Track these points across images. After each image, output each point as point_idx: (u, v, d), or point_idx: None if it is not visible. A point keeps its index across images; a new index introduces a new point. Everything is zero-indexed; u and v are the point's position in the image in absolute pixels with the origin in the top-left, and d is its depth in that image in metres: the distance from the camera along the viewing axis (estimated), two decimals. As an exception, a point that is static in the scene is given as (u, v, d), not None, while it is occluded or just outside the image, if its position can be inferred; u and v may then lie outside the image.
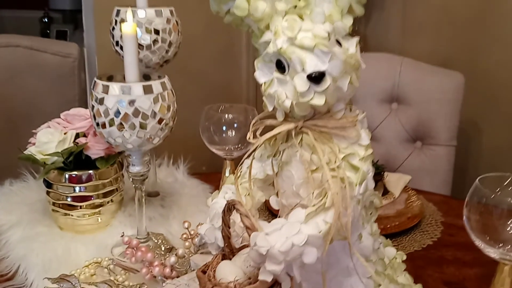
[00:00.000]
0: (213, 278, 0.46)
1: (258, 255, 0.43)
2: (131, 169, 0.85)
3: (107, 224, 0.96)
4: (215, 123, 1.05)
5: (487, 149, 1.62)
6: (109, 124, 0.78)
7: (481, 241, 0.70)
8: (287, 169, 0.50)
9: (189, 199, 1.08)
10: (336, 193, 0.44)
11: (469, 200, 0.70)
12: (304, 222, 0.44)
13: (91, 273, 0.80)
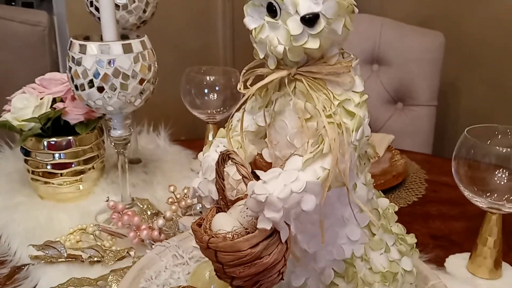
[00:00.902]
0: (209, 230, 0.45)
1: (256, 204, 0.41)
2: (112, 133, 0.82)
3: (89, 191, 0.94)
4: (197, 86, 1.02)
5: (466, 109, 1.64)
6: (89, 86, 0.75)
7: (469, 192, 0.70)
8: (280, 119, 0.49)
9: (172, 165, 1.07)
10: (334, 139, 0.43)
11: (457, 152, 0.70)
12: (301, 169, 0.43)
13: (76, 240, 0.78)
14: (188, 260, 0.69)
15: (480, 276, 0.72)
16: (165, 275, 0.65)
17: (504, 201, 0.68)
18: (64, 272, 0.71)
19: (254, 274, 0.43)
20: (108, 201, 0.79)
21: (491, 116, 1.47)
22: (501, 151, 0.66)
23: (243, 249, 0.42)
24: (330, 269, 0.53)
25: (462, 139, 0.69)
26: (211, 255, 0.44)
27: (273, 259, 0.43)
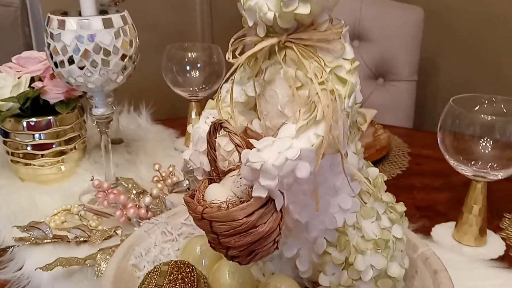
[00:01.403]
0: (203, 201, 0.44)
1: (251, 172, 0.41)
2: (94, 112, 0.81)
3: (71, 172, 0.92)
4: (178, 63, 1.01)
5: (445, 83, 1.65)
6: (69, 63, 0.73)
7: (455, 161, 0.71)
8: (271, 88, 0.48)
9: (155, 144, 1.05)
10: (327, 105, 0.43)
11: (442, 122, 0.70)
12: (295, 136, 0.42)
13: (61, 220, 0.76)
14: (177, 237, 0.68)
15: (465, 243, 0.73)
16: (155, 251, 0.64)
17: (489, 169, 0.69)
18: (50, 253, 0.70)
19: (249, 243, 0.43)
20: (92, 181, 0.78)
21: (470, 90, 1.49)
22: (486, 119, 0.67)
23: (238, 218, 0.41)
24: (322, 238, 0.53)
25: (448, 108, 0.69)
26: (206, 225, 0.43)
27: (268, 227, 0.43)
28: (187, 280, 0.51)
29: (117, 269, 0.59)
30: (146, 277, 0.52)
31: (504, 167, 0.69)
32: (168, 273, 0.51)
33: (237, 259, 0.45)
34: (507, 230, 0.79)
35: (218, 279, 0.56)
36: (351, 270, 0.52)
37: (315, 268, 0.57)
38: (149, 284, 0.51)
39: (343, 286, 0.53)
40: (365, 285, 0.53)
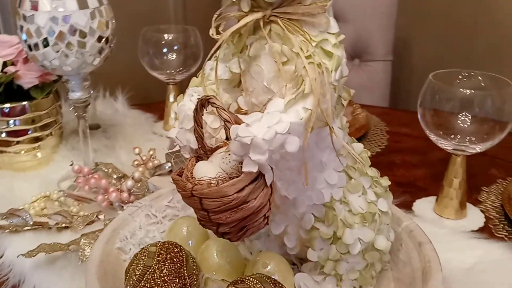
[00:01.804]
0: (192, 178, 0.44)
1: (240, 147, 0.41)
2: (71, 96, 0.79)
3: (49, 159, 0.90)
4: (154, 45, 0.99)
5: (419, 62, 1.67)
6: (43, 45, 0.71)
7: (435, 135, 0.72)
8: (256, 64, 0.48)
9: (133, 128, 1.04)
10: (314, 79, 0.42)
11: (422, 98, 0.71)
12: (283, 111, 0.42)
13: (41, 207, 0.75)
14: (162, 219, 0.67)
15: (446, 216, 0.75)
16: (140, 234, 0.63)
17: (467, 142, 0.71)
18: (31, 240, 0.69)
19: (240, 219, 0.43)
20: (72, 166, 0.76)
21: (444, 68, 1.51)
22: (466, 93, 0.68)
23: (229, 194, 0.41)
24: (310, 214, 0.53)
25: (427, 84, 0.70)
26: (196, 203, 0.43)
27: (259, 203, 0.43)
28: (176, 260, 0.50)
29: (102, 253, 0.58)
30: (133, 259, 0.52)
31: (482, 140, 0.70)
32: (157, 254, 0.51)
33: (228, 235, 0.45)
34: (485, 203, 0.80)
35: (206, 258, 0.56)
36: (339, 244, 0.52)
37: (302, 244, 0.57)
38: (137, 265, 0.50)
39: (331, 260, 0.53)
40: (353, 259, 0.53)
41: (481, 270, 0.63)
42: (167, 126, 1.04)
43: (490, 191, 0.84)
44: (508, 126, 0.68)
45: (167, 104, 1.03)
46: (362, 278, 0.55)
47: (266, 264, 0.54)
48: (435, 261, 0.56)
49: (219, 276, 0.54)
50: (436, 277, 0.54)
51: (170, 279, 0.49)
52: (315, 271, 0.56)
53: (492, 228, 0.74)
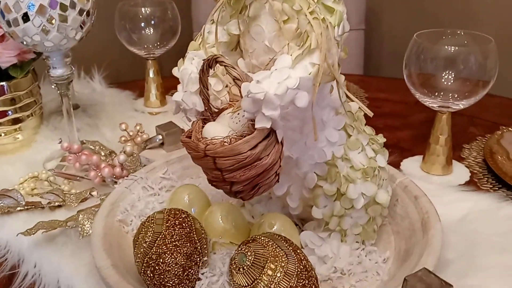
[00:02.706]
0: (203, 139, 0.44)
1: (253, 104, 0.41)
2: (53, 73, 0.77)
3: (30, 141, 0.88)
4: (131, 20, 0.97)
5: (389, 31, 1.69)
6: (23, 20, 0.68)
7: (420, 94, 0.73)
8: (256, 24, 0.48)
9: (114, 106, 1.02)
10: (320, 33, 0.43)
11: (407, 58, 0.72)
12: (291, 67, 0.42)
13: (31, 187, 0.73)
14: (159, 191, 0.67)
15: (433, 173, 0.77)
16: (140, 206, 0.63)
17: (451, 100, 0.73)
18: (25, 220, 0.67)
19: (254, 177, 0.43)
20: (61, 143, 0.75)
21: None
22: (450, 51, 0.69)
23: (243, 151, 0.41)
24: (313, 173, 0.54)
25: (412, 43, 0.72)
26: (209, 162, 0.43)
27: (271, 159, 0.43)
28: (184, 225, 0.51)
29: (105, 226, 0.58)
30: (141, 227, 0.52)
31: (465, 97, 0.72)
32: (165, 220, 0.51)
33: (241, 194, 0.45)
34: (468, 159, 0.83)
35: (211, 224, 0.56)
36: (343, 199, 0.54)
37: (305, 204, 0.58)
38: (146, 233, 0.50)
39: (336, 216, 0.54)
40: (356, 213, 0.55)
41: (472, 220, 0.65)
42: (148, 103, 1.03)
43: (471, 148, 0.87)
44: (490, 82, 0.70)
45: (147, 80, 1.02)
46: (364, 233, 0.57)
47: (272, 225, 0.55)
48: (432, 212, 0.58)
49: (226, 240, 0.55)
50: (436, 227, 0.56)
51: (181, 244, 0.49)
52: (319, 229, 0.57)
53: (477, 182, 0.77)
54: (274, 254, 0.46)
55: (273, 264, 0.46)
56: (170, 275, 0.48)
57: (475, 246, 0.60)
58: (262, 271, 0.46)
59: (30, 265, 0.60)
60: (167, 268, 0.48)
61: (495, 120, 0.97)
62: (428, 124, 0.78)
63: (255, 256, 0.47)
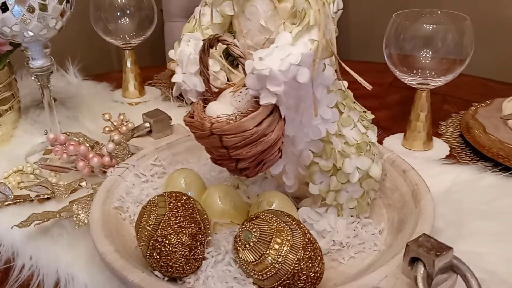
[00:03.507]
0: (208, 117, 0.44)
1: (257, 80, 0.42)
2: (32, 64, 0.75)
3: (10, 135, 0.86)
4: (107, 10, 0.96)
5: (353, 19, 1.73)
6: (2, 10, 0.67)
7: (400, 72, 0.76)
8: (251, 4, 0.48)
9: (92, 98, 1.01)
10: (318, 10, 0.44)
11: (387, 40, 0.74)
12: (292, 44, 0.43)
13: (17, 181, 0.72)
14: (151, 177, 0.67)
15: (415, 149, 0.80)
16: (135, 192, 0.63)
17: (429, 78, 0.75)
18: (15, 214, 0.66)
19: (259, 153, 0.44)
20: (47, 134, 0.74)
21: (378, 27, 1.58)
22: (428, 29, 0.72)
23: (249, 128, 0.42)
24: (308, 150, 0.55)
25: (391, 24, 0.74)
26: (215, 141, 0.44)
27: (275, 135, 0.44)
28: (187, 207, 0.51)
29: (102, 213, 0.57)
30: (143, 211, 0.52)
31: (442, 75, 0.75)
32: (167, 203, 0.51)
33: (246, 171, 0.46)
34: (445, 135, 0.87)
35: (210, 205, 0.56)
36: (339, 174, 0.55)
37: (300, 182, 0.59)
38: (149, 216, 0.50)
39: (333, 191, 0.56)
40: (352, 187, 0.56)
41: (456, 191, 0.68)
42: (126, 93, 1.02)
43: (447, 124, 0.90)
44: (467, 59, 0.73)
45: (125, 70, 1.01)
46: (359, 206, 0.58)
47: (271, 202, 0.56)
48: (421, 183, 0.61)
49: (226, 220, 0.56)
50: (426, 197, 0.58)
51: (185, 225, 0.49)
52: (315, 205, 0.58)
53: (456, 156, 0.80)
54: (279, 229, 0.48)
55: (279, 238, 0.47)
56: (177, 256, 0.48)
57: (462, 215, 0.63)
58: (268, 245, 0.47)
59: (25, 258, 0.59)
60: (174, 249, 0.48)
61: (467, 97, 1.01)
62: (403, 104, 0.81)
63: (260, 232, 0.48)
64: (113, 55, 1.65)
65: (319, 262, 0.47)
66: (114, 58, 1.67)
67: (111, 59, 1.67)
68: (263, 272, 0.47)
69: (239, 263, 0.50)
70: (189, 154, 0.73)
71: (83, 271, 0.56)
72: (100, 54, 0.99)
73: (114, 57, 1.66)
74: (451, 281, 0.46)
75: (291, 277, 0.46)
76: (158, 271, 0.50)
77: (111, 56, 1.67)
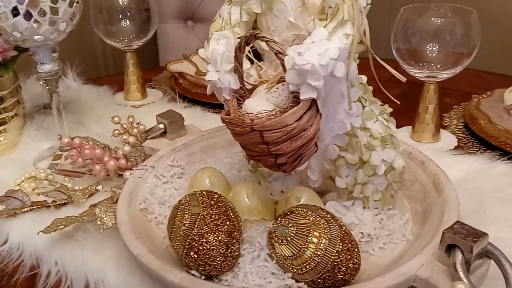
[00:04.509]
0: (247, 114, 0.44)
1: (297, 76, 0.42)
2: (41, 69, 0.75)
3: (16, 142, 0.85)
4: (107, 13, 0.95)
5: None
6: (13, 14, 0.66)
7: (408, 65, 0.77)
8: (280, 1, 0.49)
9: (94, 102, 1.00)
10: (351, 5, 0.44)
11: (395, 36, 0.76)
12: (327, 38, 0.44)
13: (32, 188, 0.71)
14: (170, 178, 0.67)
15: (424, 141, 0.81)
16: (158, 193, 0.63)
17: (436, 71, 0.77)
18: (34, 220, 0.65)
19: (298, 147, 0.45)
20: (61, 139, 0.73)
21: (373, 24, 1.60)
22: (436, 22, 0.73)
23: (290, 123, 0.43)
24: (333, 145, 0.56)
25: (399, 18, 0.75)
26: (255, 137, 0.44)
27: (314, 129, 0.45)
28: (220, 205, 0.51)
29: (128, 216, 0.57)
30: (175, 211, 0.52)
31: (449, 68, 0.77)
32: (200, 202, 0.51)
33: (284, 166, 0.46)
34: (450, 126, 0.88)
35: (238, 202, 0.57)
36: (366, 167, 0.56)
37: (324, 177, 0.60)
38: (183, 216, 0.50)
39: (359, 184, 0.57)
40: (378, 179, 0.57)
41: (471, 179, 0.69)
42: (129, 96, 1.02)
43: (451, 116, 0.92)
44: (474, 51, 0.74)
45: (127, 72, 1.00)
46: (384, 198, 0.59)
47: (299, 198, 0.56)
48: (441, 173, 0.62)
49: (256, 217, 0.56)
50: (448, 186, 0.59)
51: (221, 222, 0.50)
52: (340, 199, 0.59)
53: (463, 146, 0.81)
54: (315, 223, 0.48)
55: (317, 232, 0.47)
56: (215, 254, 0.48)
57: (480, 202, 0.64)
58: (306, 239, 0.47)
59: (50, 264, 0.59)
60: (211, 247, 0.48)
61: (465, 89, 1.03)
62: (403, 98, 0.81)
63: (297, 227, 0.48)
64: (100, 60, 1.64)
65: (356, 253, 0.48)
66: (101, 63, 1.66)
67: (99, 64, 1.66)
68: (302, 265, 0.47)
69: (275, 258, 0.50)
70: (205, 154, 0.73)
71: (113, 274, 0.56)
72: (90, 59, 0.98)
73: (101, 62, 1.65)
74: (485, 266, 0.48)
75: (331, 269, 0.47)
76: (195, 270, 0.50)
77: (98, 61, 1.65)
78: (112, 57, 1.62)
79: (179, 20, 1.46)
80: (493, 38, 1.54)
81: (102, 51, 1.59)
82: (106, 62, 1.64)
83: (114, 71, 1.63)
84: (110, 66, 1.69)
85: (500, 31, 1.46)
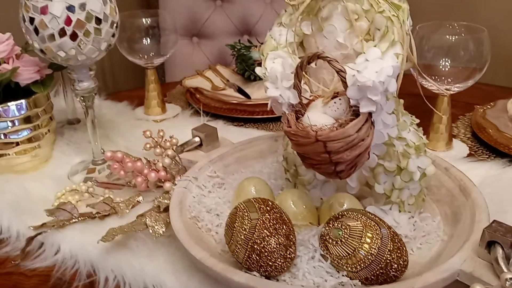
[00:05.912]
0: (310, 126, 0.49)
1: (358, 91, 0.47)
2: (79, 86, 0.78)
3: (47, 157, 0.87)
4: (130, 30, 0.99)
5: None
6: (60, 35, 0.69)
7: (422, 79, 0.83)
8: (329, 23, 0.54)
9: (116, 117, 1.04)
10: (400, 27, 0.50)
11: (410, 49, 0.81)
12: (381, 57, 0.49)
13: (75, 200, 0.74)
14: (212, 188, 0.71)
15: (439, 150, 0.87)
16: (206, 202, 0.67)
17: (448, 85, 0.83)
18: (82, 231, 0.68)
19: (356, 156, 0.49)
20: (104, 153, 0.76)
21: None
22: (450, 39, 0.79)
23: (351, 134, 0.47)
24: (372, 153, 0.61)
25: (415, 34, 0.81)
26: (319, 147, 0.48)
27: (370, 139, 0.49)
28: (276, 210, 0.55)
29: (183, 224, 0.61)
30: (233, 217, 0.56)
31: (461, 81, 0.83)
32: (257, 208, 0.55)
33: (341, 173, 0.51)
34: (459, 135, 0.94)
35: (285, 208, 0.60)
36: (403, 174, 0.61)
37: (361, 184, 0.65)
38: (242, 221, 0.54)
39: (397, 189, 0.62)
40: (413, 185, 0.62)
41: (489, 184, 0.75)
42: (149, 111, 1.05)
43: (458, 126, 0.98)
44: (485, 66, 0.81)
45: (148, 88, 1.04)
46: (416, 203, 0.64)
47: (342, 203, 0.61)
48: (466, 178, 0.67)
49: (304, 222, 0.60)
50: (474, 190, 0.65)
51: (279, 227, 0.54)
52: (378, 204, 0.64)
53: (474, 154, 0.87)
54: (366, 225, 0.53)
55: (369, 233, 0.52)
56: (277, 256, 0.53)
57: (502, 204, 0.69)
58: (360, 240, 0.52)
59: (106, 271, 0.62)
60: (273, 250, 0.52)
61: (467, 101, 1.10)
62: (410, 109, 0.87)
63: (350, 229, 0.53)
64: (99, 75, 1.67)
65: (405, 251, 0.53)
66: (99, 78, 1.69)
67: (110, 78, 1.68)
68: (357, 264, 0.52)
69: (330, 258, 0.54)
70: (239, 164, 0.77)
71: (171, 278, 0.59)
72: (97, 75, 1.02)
73: (100, 77, 1.68)
74: (522, 260, 0.53)
75: (384, 267, 0.51)
76: (256, 271, 0.54)
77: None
78: (111, 73, 1.65)
79: (185, 36, 1.51)
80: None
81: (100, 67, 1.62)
82: (105, 78, 1.67)
83: (113, 88, 1.66)
84: (109, 81, 1.72)
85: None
